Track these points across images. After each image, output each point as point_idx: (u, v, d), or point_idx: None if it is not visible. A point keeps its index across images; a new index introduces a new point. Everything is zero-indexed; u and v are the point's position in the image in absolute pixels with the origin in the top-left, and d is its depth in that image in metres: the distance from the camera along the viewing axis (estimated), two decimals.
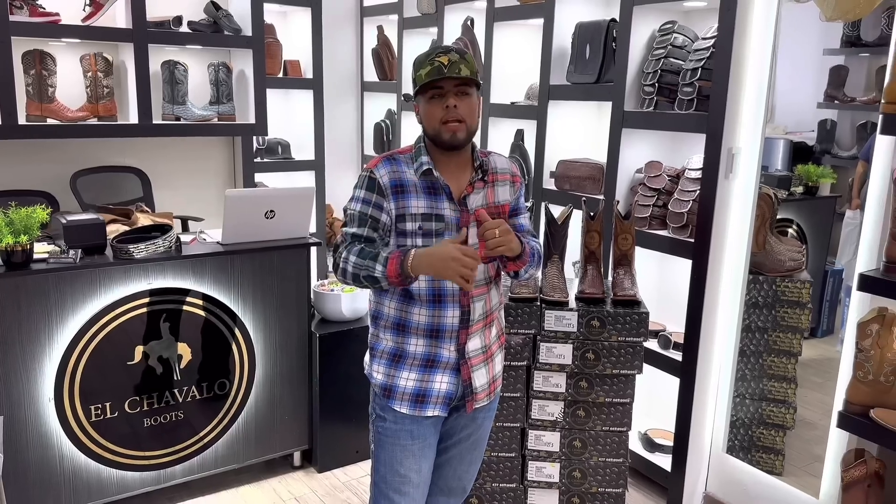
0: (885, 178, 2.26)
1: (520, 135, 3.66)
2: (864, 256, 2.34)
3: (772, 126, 4.45)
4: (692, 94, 2.72)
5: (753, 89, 2.64)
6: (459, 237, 1.70)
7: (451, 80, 1.71)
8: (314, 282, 3.14)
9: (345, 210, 1.82)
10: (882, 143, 2.27)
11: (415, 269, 1.67)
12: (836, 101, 3.73)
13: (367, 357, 1.93)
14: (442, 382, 1.82)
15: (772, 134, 4.41)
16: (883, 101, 2.13)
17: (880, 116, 2.13)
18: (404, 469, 1.84)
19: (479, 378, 1.85)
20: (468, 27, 3.89)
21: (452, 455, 1.96)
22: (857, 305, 2.35)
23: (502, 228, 1.68)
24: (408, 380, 1.81)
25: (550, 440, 2.61)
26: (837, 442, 2.48)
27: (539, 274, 1.91)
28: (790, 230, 3.80)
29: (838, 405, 2.31)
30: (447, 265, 1.63)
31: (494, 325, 1.91)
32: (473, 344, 1.83)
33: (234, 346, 2.85)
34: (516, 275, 1.86)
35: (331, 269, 1.81)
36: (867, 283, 2.19)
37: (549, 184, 3.46)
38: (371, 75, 4.94)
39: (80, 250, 2.55)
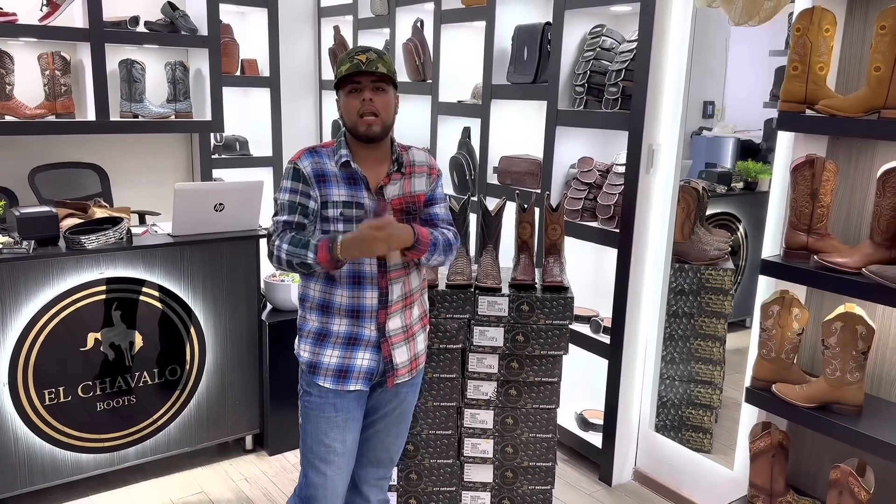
0: (785, 170, 2.44)
1: (466, 132, 3.82)
2: (769, 243, 2.53)
3: (721, 125, 4.67)
4: (617, 93, 2.89)
5: (672, 89, 2.83)
6: (382, 212, 1.87)
7: (369, 76, 1.86)
8: (265, 272, 3.27)
9: (275, 200, 1.97)
10: (782, 138, 2.46)
11: (345, 253, 1.82)
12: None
13: (296, 339, 2.07)
14: (363, 359, 1.96)
15: (721, 133, 4.63)
16: (780, 99, 2.32)
17: (777, 114, 2.32)
18: (329, 440, 1.99)
19: (400, 355, 2.00)
20: (418, 28, 4.05)
21: (379, 428, 2.11)
22: (763, 288, 2.54)
23: (384, 233, 1.81)
24: (331, 357, 1.96)
25: (484, 418, 2.77)
26: (750, 417, 2.67)
27: (450, 260, 2.07)
28: (740, 226, 4.00)
29: (747, 382, 2.49)
30: (374, 245, 1.80)
31: (416, 306, 2.06)
32: (394, 323, 1.98)
33: (185, 334, 2.98)
34: (418, 262, 1.99)
35: (266, 256, 1.94)
36: (768, 268, 2.37)
37: (492, 178, 3.62)
38: (329, 74, 5.08)
39: (33, 241, 2.66)
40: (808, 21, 2.21)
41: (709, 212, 3.70)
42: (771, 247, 2.51)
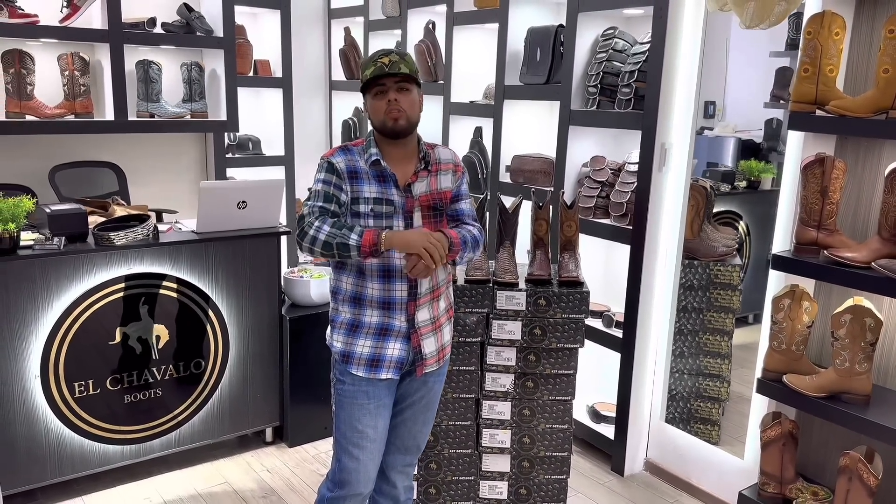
0: (795, 168, 2.53)
1: (478, 132, 3.90)
2: (780, 239, 2.61)
3: (722, 125, 4.77)
4: (630, 94, 2.98)
5: (684, 90, 2.91)
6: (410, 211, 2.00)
7: (393, 78, 1.95)
8: (284, 268, 3.35)
9: (309, 189, 2.04)
10: (792, 137, 2.54)
11: (388, 242, 1.91)
12: (781, 101, 4.02)
13: (328, 330, 2.15)
14: (394, 349, 2.05)
15: (722, 132, 4.73)
16: (791, 100, 2.40)
17: (788, 114, 2.40)
18: (362, 426, 2.07)
19: (429, 346, 2.09)
20: (430, 30, 4.12)
21: (407, 416, 2.19)
22: (774, 283, 2.63)
23: (424, 261, 1.90)
24: (364, 347, 2.04)
25: (502, 409, 2.85)
26: (760, 408, 2.76)
27: (478, 255, 2.16)
28: (741, 223, 4.10)
29: (758, 373, 2.58)
30: (419, 238, 1.90)
31: (443, 299, 2.15)
32: (422, 315, 2.07)
33: (208, 328, 3.05)
34: (454, 262, 2.09)
35: (296, 236, 1.99)
36: (779, 263, 2.46)
37: (504, 177, 3.70)
38: (339, 74, 5.15)
39: (63, 238, 2.73)
40: (819, 25, 2.30)
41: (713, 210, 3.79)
42: (781, 242, 2.60)
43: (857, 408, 2.28)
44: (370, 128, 2.07)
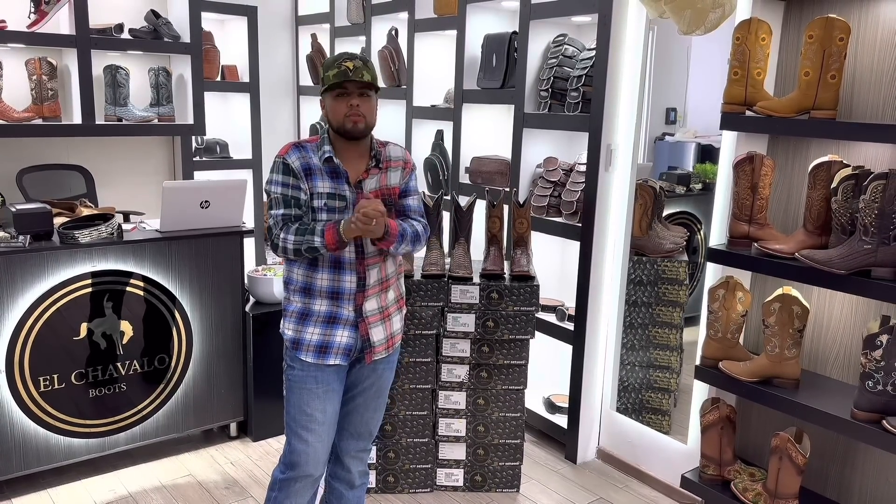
0: (729, 167, 2.68)
1: (439, 135, 4.02)
2: (716, 233, 2.76)
3: (683, 130, 4.93)
4: (578, 97, 3.12)
5: (628, 93, 3.06)
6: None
7: (355, 83, 2.05)
8: (249, 267, 3.43)
9: (267, 193, 2.15)
10: (727, 137, 2.69)
11: (347, 234, 2.01)
12: None
13: (282, 319, 2.25)
14: (342, 336, 2.15)
15: (682, 138, 4.89)
16: (723, 101, 2.55)
17: (720, 115, 2.55)
18: (310, 409, 2.17)
19: (377, 334, 2.19)
20: (392, 36, 4.25)
21: (359, 403, 2.29)
22: (711, 275, 2.77)
23: (374, 213, 1.97)
24: (313, 334, 2.15)
25: (458, 399, 2.96)
26: (701, 393, 2.89)
27: (417, 249, 2.25)
28: (701, 226, 4.25)
29: (697, 361, 2.71)
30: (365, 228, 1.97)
31: (392, 290, 2.25)
32: (370, 305, 2.17)
33: (172, 325, 3.13)
34: (387, 251, 2.16)
35: (269, 249, 2.11)
36: (714, 255, 2.60)
37: (464, 178, 3.83)
38: (306, 80, 5.26)
39: (28, 236, 2.80)
40: (746, 31, 2.45)
41: (669, 211, 3.94)
42: (717, 236, 2.74)
43: (787, 391, 2.42)
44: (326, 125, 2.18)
